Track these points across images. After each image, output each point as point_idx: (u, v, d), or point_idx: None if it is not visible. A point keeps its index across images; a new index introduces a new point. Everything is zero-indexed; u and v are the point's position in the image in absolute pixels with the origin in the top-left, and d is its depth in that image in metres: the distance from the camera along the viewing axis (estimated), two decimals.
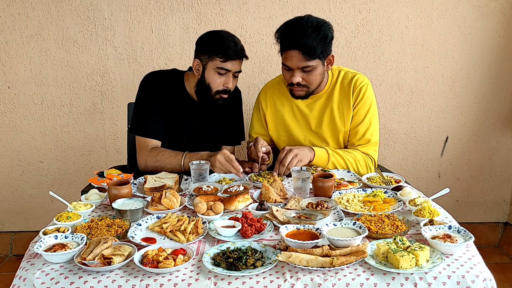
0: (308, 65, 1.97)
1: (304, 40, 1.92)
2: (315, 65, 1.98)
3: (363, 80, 2.15)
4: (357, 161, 2.11)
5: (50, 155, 2.98)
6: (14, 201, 3.07)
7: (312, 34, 1.92)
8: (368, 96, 2.14)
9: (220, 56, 2.03)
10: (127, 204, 1.66)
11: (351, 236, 1.39)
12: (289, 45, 1.96)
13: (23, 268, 1.31)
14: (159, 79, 2.19)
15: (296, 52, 1.94)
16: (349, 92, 2.13)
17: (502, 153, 3.15)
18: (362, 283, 1.23)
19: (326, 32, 1.96)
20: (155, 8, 2.76)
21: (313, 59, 1.96)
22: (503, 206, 3.27)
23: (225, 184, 1.91)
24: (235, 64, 2.07)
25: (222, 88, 2.09)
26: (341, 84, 2.16)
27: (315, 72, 2.01)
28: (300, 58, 1.95)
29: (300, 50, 1.93)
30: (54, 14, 2.74)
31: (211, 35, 2.11)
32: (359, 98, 2.13)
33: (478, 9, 2.85)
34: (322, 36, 1.95)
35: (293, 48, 1.94)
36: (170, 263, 1.26)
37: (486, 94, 3.02)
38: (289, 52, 1.96)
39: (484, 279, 1.25)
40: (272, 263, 1.29)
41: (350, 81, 2.14)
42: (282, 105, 2.22)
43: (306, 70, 1.99)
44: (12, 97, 2.87)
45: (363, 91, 2.13)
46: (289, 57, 1.97)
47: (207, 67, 2.07)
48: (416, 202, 1.64)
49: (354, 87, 2.13)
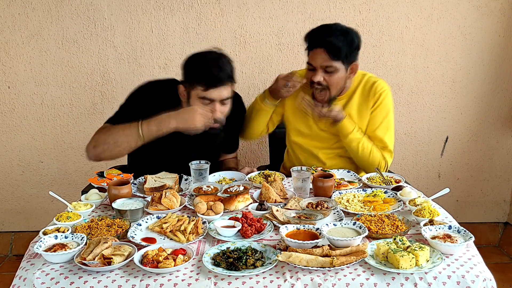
0: (331, 65, 2.00)
1: (330, 39, 1.97)
2: (338, 67, 2.01)
3: (384, 87, 2.15)
4: (372, 153, 2.11)
5: (50, 155, 2.98)
6: (14, 201, 3.07)
7: (340, 36, 1.98)
8: (387, 103, 2.15)
9: (201, 85, 1.85)
10: (127, 204, 1.66)
11: (351, 236, 1.40)
12: (316, 43, 2.01)
13: (23, 268, 1.32)
14: (154, 92, 2.04)
15: (321, 50, 1.99)
16: (369, 95, 2.14)
17: (502, 153, 3.15)
18: (362, 283, 1.23)
19: (354, 37, 2.02)
20: (155, 8, 2.76)
21: (337, 60, 1.99)
22: (503, 206, 3.27)
23: (225, 184, 1.91)
24: (220, 91, 1.88)
25: None
26: (362, 88, 2.17)
27: (337, 75, 2.03)
28: (324, 57, 1.99)
29: (325, 49, 1.98)
30: (54, 14, 2.74)
31: (193, 60, 1.94)
32: (378, 103, 2.13)
33: (478, 9, 2.85)
34: (349, 40, 2.00)
35: (319, 46, 2.00)
36: (170, 263, 1.26)
37: (486, 94, 3.02)
38: (315, 50, 2.02)
39: (484, 279, 1.25)
40: (272, 263, 1.29)
41: (371, 85, 2.15)
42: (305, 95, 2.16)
43: (328, 71, 2.02)
44: (12, 97, 2.87)
45: (382, 96, 2.13)
46: (314, 55, 2.02)
47: (191, 95, 1.91)
48: (416, 202, 1.64)
49: (374, 92, 2.14)
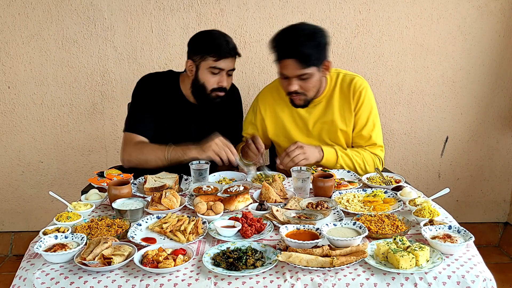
0: (304, 72, 1.97)
1: (298, 48, 1.93)
2: (312, 72, 1.99)
3: (362, 83, 2.14)
4: (366, 161, 2.11)
5: (50, 155, 2.98)
6: (14, 201, 3.07)
7: (306, 42, 1.93)
8: (369, 100, 2.14)
9: (212, 56, 2.04)
10: (127, 204, 1.66)
11: (351, 236, 1.39)
12: (284, 54, 1.97)
13: (23, 268, 1.32)
14: (155, 81, 2.20)
15: (291, 60, 1.95)
16: (349, 96, 2.13)
17: (502, 153, 3.15)
18: (362, 283, 1.23)
19: (320, 39, 1.97)
20: (155, 8, 2.76)
21: (309, 66, 1.96)
22: (503, 206, 3.27)
23: (225, 184, 1.91)
24: (228, 62, 2.08)
25: (217, 86, 2.10)
26: (340, 87, 2.15)
27: (312, 79, 2.02)
28: (296, 67, 1.96)
29: (295, 59, 1.94)
30: (54, 14, 2.74)
31: (202, 35, 2.12)
32: (360, 102, 2.13)
33: (478, 9, 2.85)
34: (317, 43, 1.96)
35: (288, 57, 1.96)
36: (170, 263, 1.26)
37: (486, 94, 3.02)
38: (285, 61, 1.98)
39: (484, 279, 1.25)
40: (272, 263, 1.29)
41: (349, 84, 2.14)
42: (282, 110, 2.21)
43: (302, 78, 2.00)
44: (12, 97, 2.87)
45: (363, 94, 2.12)
46: (285, 66, 1.98)
47: (200, 67, 2.09)
48: (416, 202, 1.64)
49: (354, 91, 2.13)
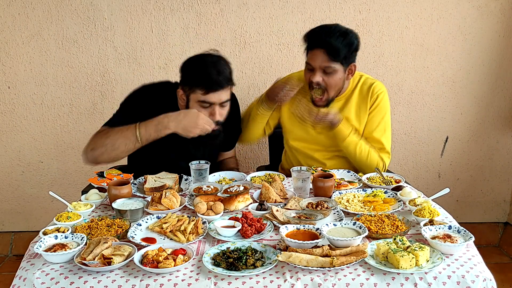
0: (330, 65, 2.01)
1: (330, 40, 1.98)
2: (337, 68, 2.02)
3: (381, 88, 2.17)
4: (370, 156, 2.11)
5: (50, 155, 2.98)
6: (14, 201, 3.07)
7: (339, 37, 1.99)
8: (384, 104, 2.16)
9: (201, 89, 1.85)
10: (127, 204, 1.66)
11: (351, 236, 1.40)
12: (315, 43, 2.02)
13: (23, 268, 1.32)
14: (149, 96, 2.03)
15: (321, 51, 2.00)
16: (367, 97, 2.15)
17: (502, 153, 3.15)
18: (362, 283, 1.23)
19: (353, 39, 2.03)
20: (155, 8, 2.76)
21: (336, 61, 2.00)
22: (503, 206, 3.27)
23: (225, 184, 1.91)
24: (219, 95, 1.88)
25: None
26: (360, 89, 2.18)
27: (335, 76, 2.04)
28: (323, 58, 2.00)
29: (325, 49, 1.99)
30: (54, 14, 2.74)
31: (192, 63, 1.92)
32: (375, 104, 2.15)
33: (478, 9, 2.85)
34: (348, 42, 2.01)
35: (319, 46, 2.00)
36: (170, 263, 1.26)
37: (486, 94, 3.02)
38: (314, 51, 2.02)
39: (484, 279, 1.25)
40: (272, 263, 1.29)
41: (369, 87, 2.16)
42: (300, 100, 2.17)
43: (327, 71, 2.03)
44: (12, 97, 2.87)
45: (380, 98, 2.15)
46: (314, 55, 2.03)
47: (190, 99, 1.92)
48: (416, 202, 1.64)
49: (372, 93, 2.15)
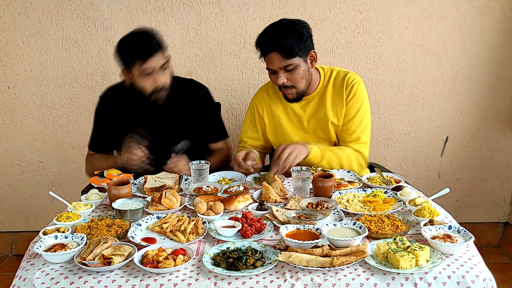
0: (288, 63, 2.00)
1: (279, 40, 1.96)
2: (297, 63, 2.01)
3: (355, 78, 2.16)
4: (350, 158, 2.11)
5: (50, 155, 2.98)
6: (14, 201, 3.07)
7: (287, 34, 1.97)
8: (360, 94, 2.15)
9: (136, 61, 2.00)
10: (127, 204, 1.66)
11: (351, 236, 1.39)
12: (267, 48, 2.02)
13: (23, 268, 1.32)
14: (115, 94, 2.23)
15: (274, 53, 1.99)
16: (342, 90, 2.15)
17: (502, 153, 3.15)
18: (362, 283, 1.23)
19: (301, 30, 2.00)
20: (155, 8, 2.76)
21: (293, 57, 1.99)
22: (503, 206, 3.27)
23: (225, 184, 1.91)
24: (154, 61, 2.01)
25: (153, 88, 2.06)
26: (333, 83, 2.17)
27: (298, 71, 2.03)
28: (279, 59, 1.99)
29: (277, 51, 1.98)
30: (54, 14, 2.74)
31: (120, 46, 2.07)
32: (351, 94, 2.14)
33: (478, 9, 2.85)
34: (298, 34, 1.98)
35: (271, 50, 2.00)
36: (170, 263, 1.26)
37: (486, 94, 3.02)
38: (269, 55, 2.02)
39: (484, 279, 1.25)
40: (272, 263, 1.29)
41: (342, 79, 2.16)
42: (277, 108, 2.23)
43: (288, 69, 2.02)
44: (12, 97, 2.87)
45: (355, 88, 2.14)
46: (270, 60, 2.02)
47: (133, 76, 2.06)
48: (416, 202, 1.64)
49: (346, 84, 2.14)
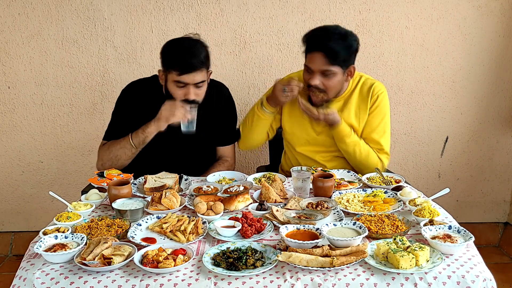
0: (329, 69, 1.99)
1: (329, 43, 1.96)
2: (336, 71, 2.01)
3: (382, 88, 2.17)
4: (369, 157, 2.12)
5: (50, 155, 2.97)
6: (14, 201, 3.07)
7: (338, 40, 1.97)
8: (384, 105, 2.16)
9: (175, 70, 1.98)
10: (127, 204, 1.66)
11: (351, 236, 1.40)
12: (314, 46, 2.00)
13: (23, 268, 1.32)
14: (139, 89, 2.20)
15: (320, 54, 1.98)
16: (367, 98, 2.15)
17: (502, 153, 3.15)
18: (362, 283, 1.23)
19: (352, 41, 2.01)
20: (155, 8, 2.76)
21: (335, 64, 1.99)
22: (503, 206, 3.27)
23: (225, 184, 1.91)
24: (193, 76, 1.99)
25: (184, 99, 2.04)
26: (360, 90, 2.17)
27: (334, 79, 2.03)
28: (322, 61, 1.98)
29: (324, 53, 1.97)
30: (54, 14, 2.74)
31: (169, 47, 2.06)
32: (375, 105, 2.14)
33: (478, 9, 2.85)
34: (348, 44, 1.99)
35: (317, 50, 1.98)
36: (170, 263, 1.26)
37: (486, 94, 3.02)
38: (313, 54, 2.00)
39: (484, 279, 1.25)
40: (272, 263, 1.29)
41: (369, 88, 2.16)
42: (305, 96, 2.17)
43: (326, 74, 2.01)
44: (12, 97, 2.87)
45: (380, 98, 2.14)
46: (312, 58, 2.01)
47: (167, 79, 2.06)
48: (416, 202, 1.64)
49: (372, 94, 2.15)
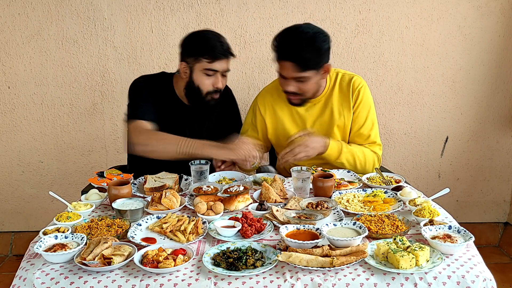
0: (301, 76, 1.97)
1: (297, 53, 1.92)
2: (309, 76, 1.99)
3: (361, 82, 2.15)
4: (366, 158, 2.12)
5: (50, 155, 2.98)
6: (14, 201, 3.07)
7: (306, 47, 1.92)
8: (367, 98, 2.15)
9: (206, 57, 2.02)
10: (127, 204, 1.66)
11: (351, 236, 1.39)
12: (283, 56, 1.97)
13: (23, 268, 1.32)
14: (148, 83, 2.19)
15: (289, 63, 1.95)
16: (349, 94, 2.14)
17: (502, 153, 3.15)
18: (362, 283, 1.23)
19: (321, 44, 1.95)
20: (155, 8, 2.76)
21: (307, 70, 1.96)
22: (503, 206, 3.27)
23: (225, 184, 1.91)
24: (223, 63, 2.06)
25: (213, 89, 2.09)
26: (339, 86, 2.16)
27: (309, 82, 2.02)
28: (293, 69, 1.96)
29: (293, 62, 1.94)
30: (54, 14, 2.74)
31: (195, 36, 2.09)
32: (359, 100, 2.13)
33: (478, 9, 2.85)
34: (317, 48, 1.94)
35: (286, 59, 1.95)
36: (170, 263, 1.26)
37: (486, 94, 3.02)
38: (283, 62, 1.98)
39: (484, 279, 1.25)
40: (272, 263, 1.29)
41: (348, 83, 2.14)
42: (281, 110, 2.20)
43: (300, 80, 2.00)
44: (12, 97, 2.87)
45: (361, 92, 2.13)
46: (283, 67, 1.99)
47: (194, 70, 2.07)
48: (416, 202, 1.64)
49: (353, 89, 2.13)
